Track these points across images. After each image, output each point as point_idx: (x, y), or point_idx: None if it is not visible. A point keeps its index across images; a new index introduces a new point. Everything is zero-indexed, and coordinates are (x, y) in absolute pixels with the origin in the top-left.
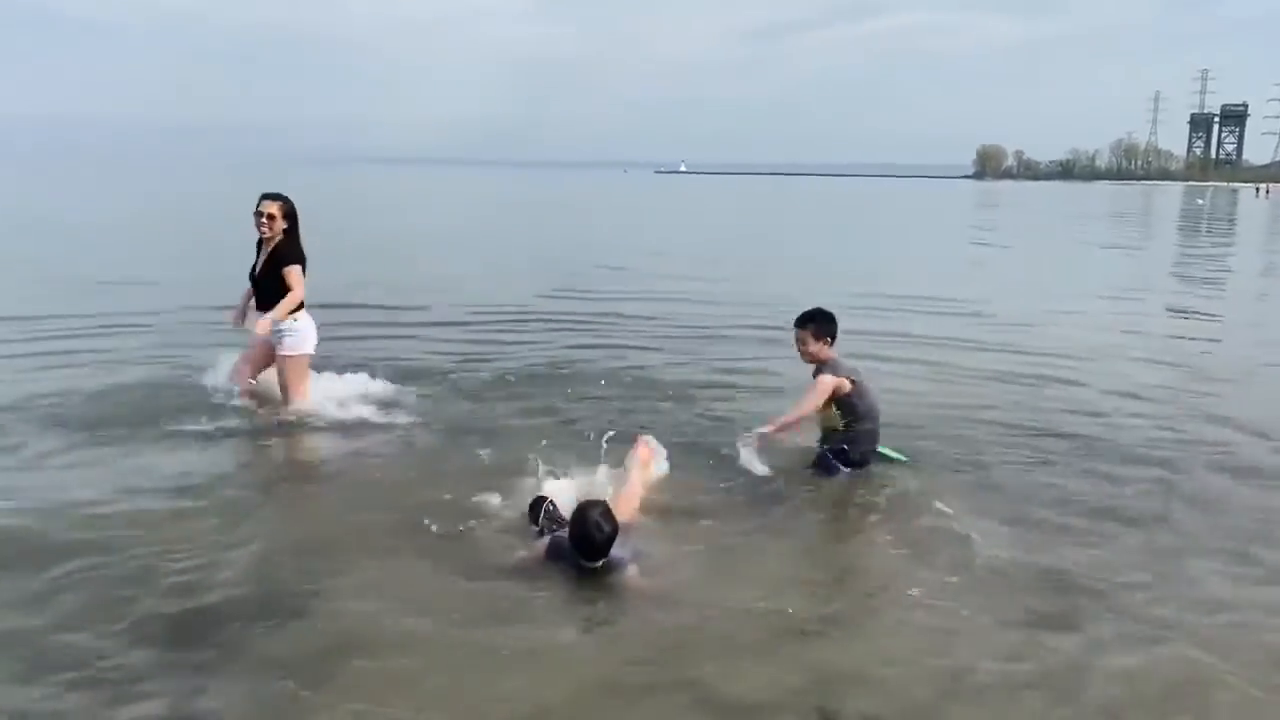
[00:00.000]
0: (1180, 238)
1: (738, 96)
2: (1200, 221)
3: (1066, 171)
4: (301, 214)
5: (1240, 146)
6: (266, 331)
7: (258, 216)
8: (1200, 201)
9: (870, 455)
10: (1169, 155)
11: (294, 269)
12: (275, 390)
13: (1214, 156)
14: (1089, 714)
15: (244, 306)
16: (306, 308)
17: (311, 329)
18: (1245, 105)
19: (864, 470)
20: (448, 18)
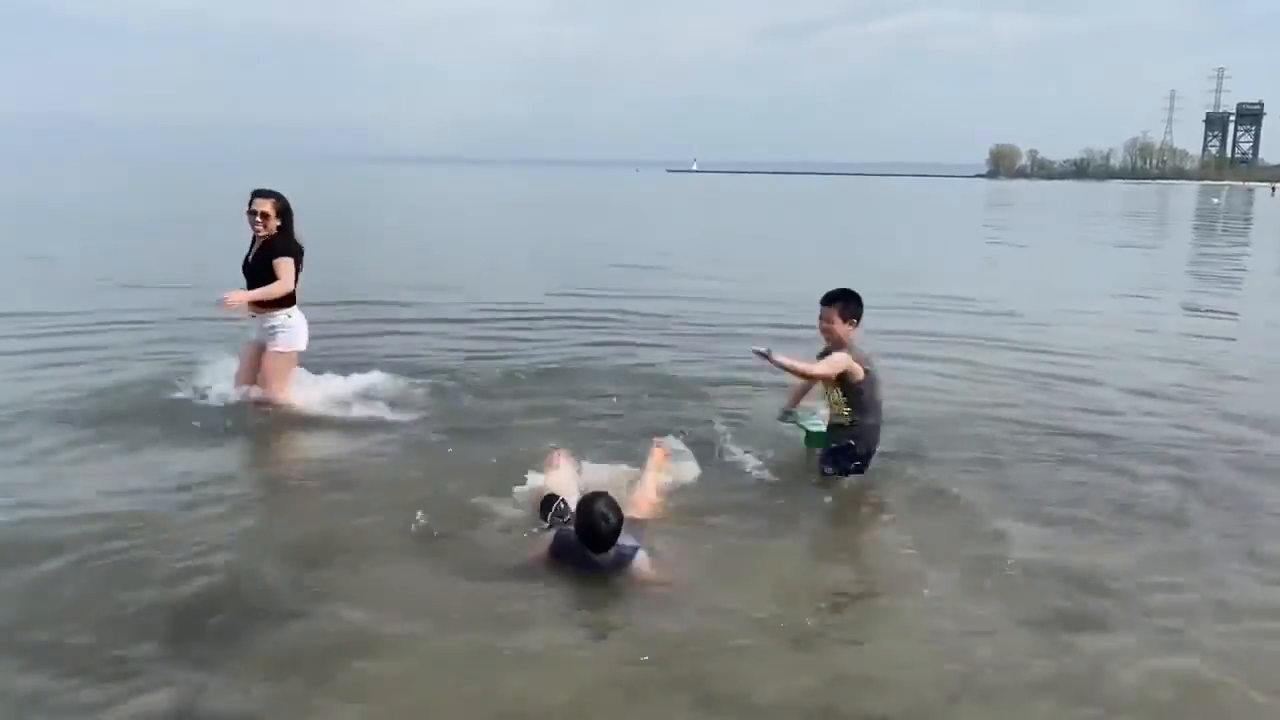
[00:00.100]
0: (1195, 237)
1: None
2: (1216, 221)
3: (1080, 171)
4: (321, 213)
5: (1256, 145)
6: (240, 302)
7: (251, 215)
8: (1215, 201)
9: (873, 453)
10: (1184, 154)
11: (284, 261)
12: (293, 395)
13: (1229, 155)
14: (1101, 718)
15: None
16: (300, 305)
17: (303, 327)
18: (1261, 104)
19: (870, 469)
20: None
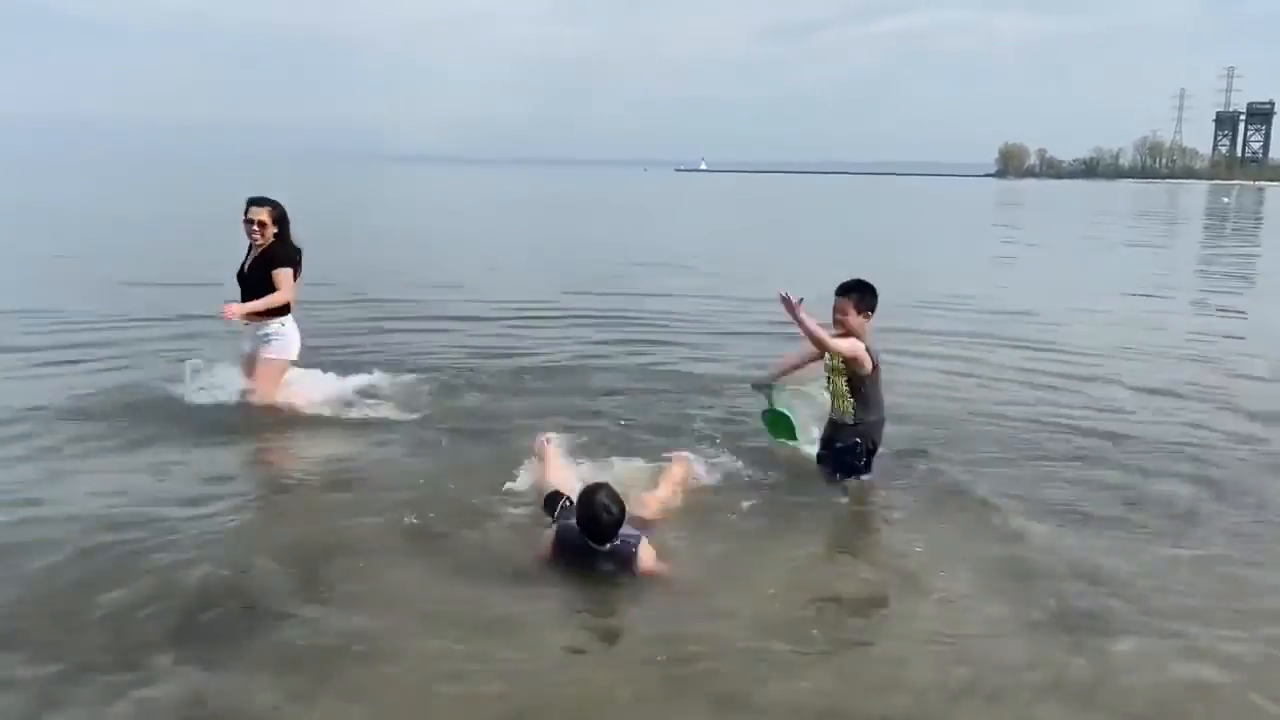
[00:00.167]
0: (1206, 236)
1: (758, 95)
2: (1226, 220)
3: (1090, 170)
4: (322, 212)
5: (1266, 145)
6: (237, 314)
7: (248, 224)
8: (1226, 200)
9: (877, 450)
10: (1194, 154)
11: (284, 272)
12: (290, 396)
13: (1240, 155)
14: None
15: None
16: (301, 305)
17: (295, 335)
18: (1272, 103)
19: (880, 468)
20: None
